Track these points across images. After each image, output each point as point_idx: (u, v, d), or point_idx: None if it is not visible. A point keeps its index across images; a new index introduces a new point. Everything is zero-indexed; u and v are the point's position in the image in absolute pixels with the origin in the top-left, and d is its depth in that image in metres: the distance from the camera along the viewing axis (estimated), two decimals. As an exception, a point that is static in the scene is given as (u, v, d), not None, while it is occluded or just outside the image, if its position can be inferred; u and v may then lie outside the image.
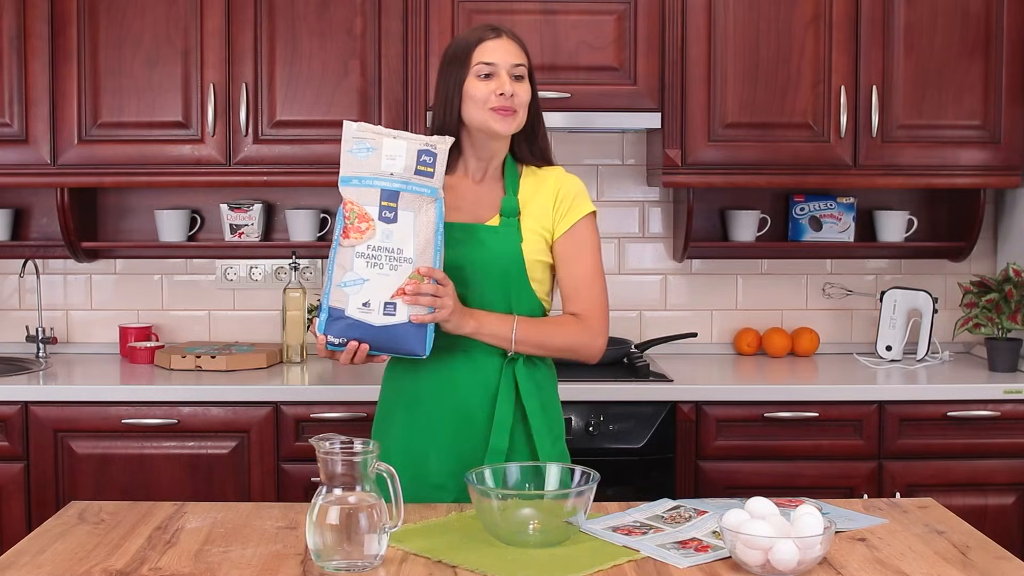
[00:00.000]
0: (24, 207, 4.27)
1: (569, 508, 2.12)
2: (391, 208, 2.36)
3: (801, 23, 3.93)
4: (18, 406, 3.63)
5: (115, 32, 3.89)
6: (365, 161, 2.37)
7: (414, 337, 2.38)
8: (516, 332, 2.50)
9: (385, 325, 2.37)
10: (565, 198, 2.60)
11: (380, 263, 2.35)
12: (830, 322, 4.39)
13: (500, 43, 2.57)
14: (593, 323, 2.60)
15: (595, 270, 2.61)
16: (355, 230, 2.36)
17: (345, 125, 2.40)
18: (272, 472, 3.65)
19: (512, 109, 2.54)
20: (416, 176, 2.37)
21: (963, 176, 4.00)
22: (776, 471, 3.68)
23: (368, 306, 2.36)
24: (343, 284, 2.36)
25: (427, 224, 2.37)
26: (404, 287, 2.36)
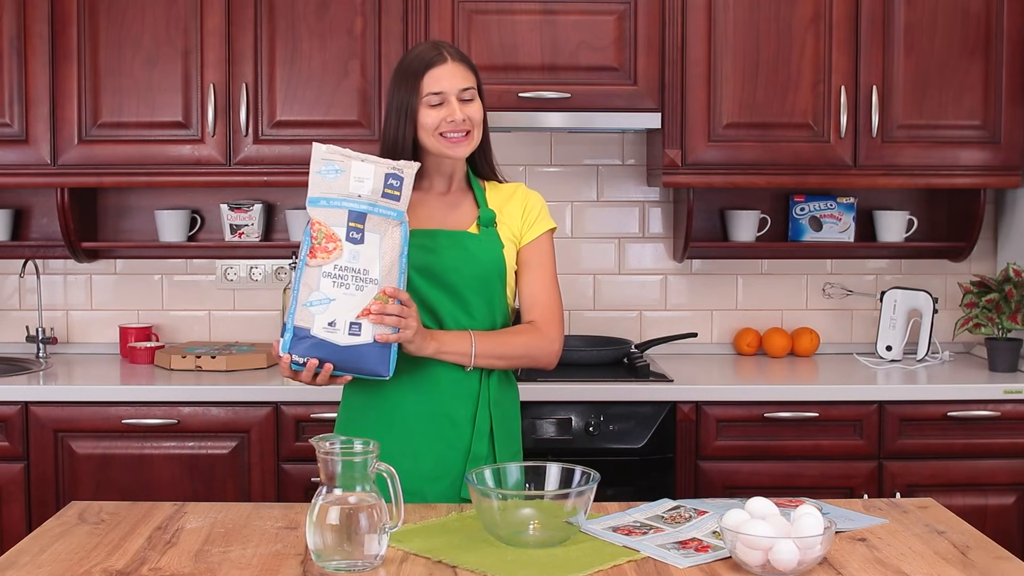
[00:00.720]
0: (24, 207, 4.27)
1: (569, 508, 2.12)
2: (358, 229, 2.37)
3: (801, 23, 3.93)
4: (18, 406, 3.63)
5: (115, 32, 3.89)
6: (334, 182, 2.38)
7: (378, 357, 2.39)
8: (475, 347, 2.54)
9: (350, 345, 2.37)
10: (532, 210, 2.68)
11: (347, 283, 2.36)
12: (830, 322, 4.39)
13: (447, 68, 2.58)
14: (549, 330, 2.64)
15: (553, 281, 2.69)
16: (322, 250, 2.36)
17: (314, 147, 2.41)
18: (272, 472, 3.65)
19: (464, 131, 2.59)
20: (383, 199, 2.39)
21: (963, 176, 4.00)
22: (776, 471, 3.68)
23: (334, 326, 2.36)
24: (309, 303, 2.36)
25: (392, 247, 2.39)
26: (370, 307, 2.37)
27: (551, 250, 2.70)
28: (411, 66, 2.59)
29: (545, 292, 2.66)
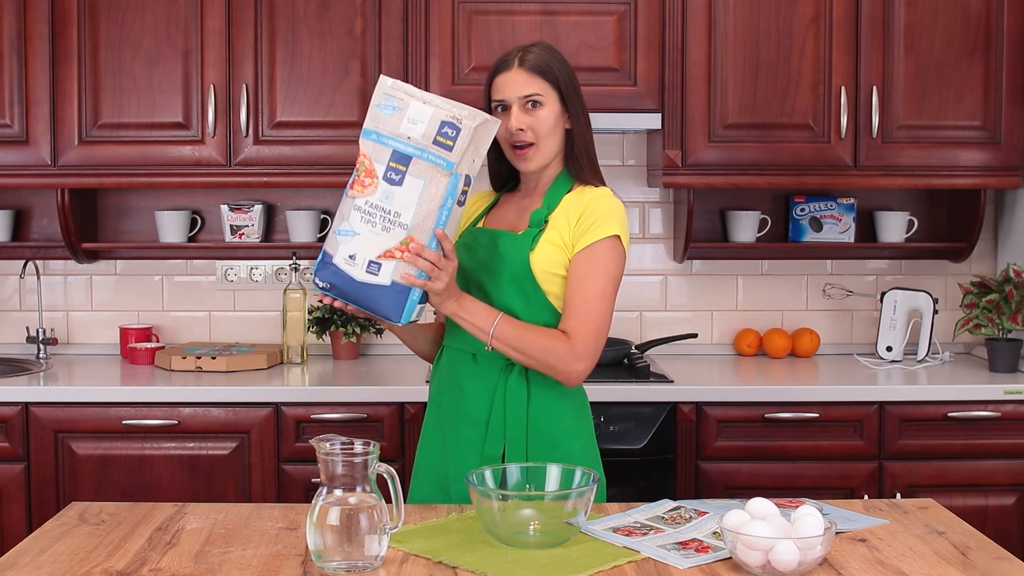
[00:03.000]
0: (24, 208, 4.27)
1: (569, 509, 2.11)
2: (399, 171, 2.33)
3: (801, 24, 3.93)
4: (19, 407, 3.64)
5: (115, 33, 3.89)
6: (388, 119, 2.34)
7: (392, 301, 2.35)
8: (496, 327, 2.45)
9: (365, 282, 2.35)
10: (589, 216, 2.51)
11: (373, 221, 2.33)
12: (830, 323, 4.39)
13: (510, 76, 2.56)
14: (578, 346, 2.47)
15: (600, 294, 2.49)
16: (359, 183, 2.34)
17: (381, 78, 2.38)
18: (272, 473, 3.65)
19: (527, 143, 2.54)
20: (434, 146, 2.32)
21: (963, 177, 4.00)
22: (776, 472, 3.68)
23: (354, 259, 2.34)
24: (338, 232, 2.36)
25: (435, 195, 2.32)
26: (404, 247, 2.32)
27: (606, 260, 2.50)
28: (490, 70, 2.62)
29: (584, 304, 2.48)
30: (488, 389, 2.54)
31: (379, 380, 3.83)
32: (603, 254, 2.50)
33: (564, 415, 2.57)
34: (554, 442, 2.53)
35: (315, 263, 2.39)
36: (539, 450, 2.52)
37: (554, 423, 2.55)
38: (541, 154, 2.56)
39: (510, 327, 2.45)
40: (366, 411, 3.65)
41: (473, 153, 2.37)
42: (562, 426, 2.55)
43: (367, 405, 3.65)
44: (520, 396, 2.53)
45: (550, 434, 2.54)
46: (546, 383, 2.54)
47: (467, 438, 2.55)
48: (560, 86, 2.57)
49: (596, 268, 2.50)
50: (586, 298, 2.49)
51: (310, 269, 4.30)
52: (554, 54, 2.61)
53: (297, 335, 4.11)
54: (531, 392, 2.54)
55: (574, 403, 2.60)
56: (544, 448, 2.52)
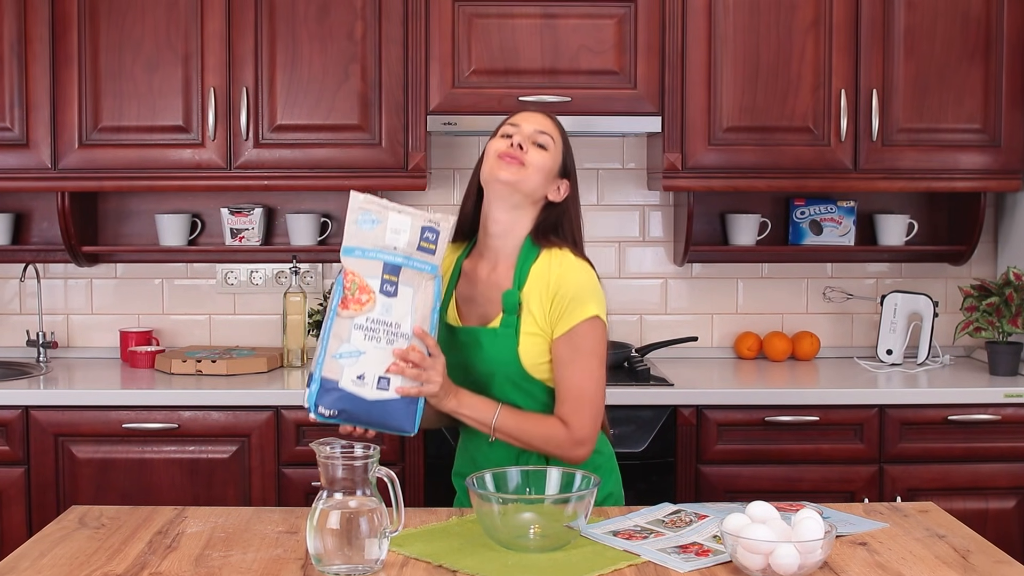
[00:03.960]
0: (25, 211, 4.27)
1: (570, 512, 2.12)
2: (392, 282, 2.32)
3: (801, 27, 3.93)
4: (19, 410, 3.63)
5: (116, 36, 3.90)
6: (369, 233, 2.32)
7: (404, 413, 2.33)
8: (496, 419, 2.43)
9: (378, 400, 2.31)
10: (563, 298, 2.46)
11: (378, 336, 2.30)
12: (831, 326, 4.39)
13: (532, 115, 2.58)
14: (576, 432, 2.44)
15: (588, 376, 2.47)
16: (355, 301, 2.30)
17: (352, 196, 2.35)
18: (273, 476, 3.65)
19: (516, 159, 2.48)
20: (418, 252, 2.33)
21: (963, 180, 4.00)
22: (777, 475, 3.68)
23: (363, 379, 2.30)
24: (339, 355, 2.29)
25: (425, 301, 2.33)
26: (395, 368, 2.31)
27: (589, 342, 2.47)
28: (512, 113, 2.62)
29: (575, 390, 2.46)
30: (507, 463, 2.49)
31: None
32: (584, 336, 2.47)
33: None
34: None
35: (308, 393, 2.31)
36: None
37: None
38: (523, 176, 2.48)
39: (511, 419, 2.44)
40: (366, 414, 3.64)
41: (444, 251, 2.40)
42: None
43: (367, 408, 3.65)
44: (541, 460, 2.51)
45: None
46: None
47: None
48: (565, 154, 2.56)
49: (579, 352, 2.47)
50: (575, 384, 2.47)
51: (310, 272, 4.30)
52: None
53: (297, 338, 4.11)
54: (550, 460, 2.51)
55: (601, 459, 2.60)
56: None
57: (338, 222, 4.26)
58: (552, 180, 2.53)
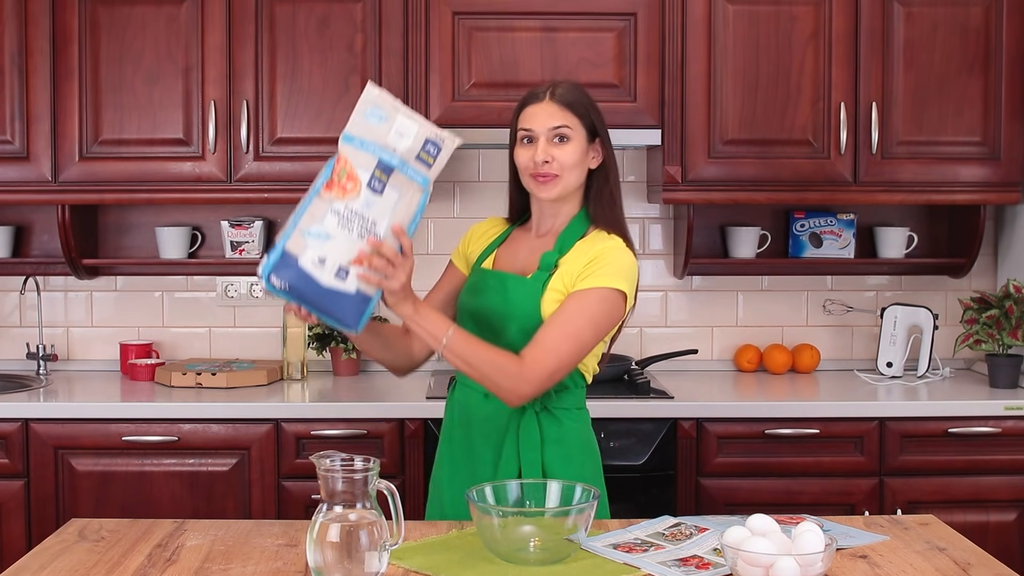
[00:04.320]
0: (25, 224, 4.27)
1: (570, 525, 2.11)
2: (381, 181, 2.29)
3: (800, 39, 3.94)
4: (18, 423, 3.63)
5: (116, 49, 3.90)
6: (374, 128, 2.31)
7: (353, 309, 2.30)
8: (450, 336, 2.38)
9: (330, 288, 2.27)
10: (597, 264, 2.49)
11: (351, 227, 2.27)
12: (831, 338, 4.39)
13: (540, 107, 2.57)
14: (529, 370, 2.40)
15: (574, 334, 2.44)
16: (339, 187, 2.28)
17: (369, 85, 2.35)
18: (272, 489, 3.65)
19: (550, 175, 2.52)
20: (415, 161, 2.31)
21: (963, 192, 4.01)
22: (777, 488, 3.68)
23: (323, 263, 2.26)
24: (307, 232, 2.27)
25: (406, 211, 2.31)
26: (363, 254, 2.27)
27: (597, 307, 2.46)
28: (518, 102, 2.63)
29: (554, 337, 2.43)
30: (498, 430, 2.54)
31: (379, 396, 3.82)
32: (596, 301, 2.47)
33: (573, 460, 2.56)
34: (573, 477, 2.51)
35: (265, 261, 2.27)
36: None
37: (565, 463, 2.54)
38: (562, 185, 2.54)
39: (464, 339, 2.41)
40: (366, 427, 3.65)
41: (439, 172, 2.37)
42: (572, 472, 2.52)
43: (367, 421, 3.65)
44: (534, 439, 2.52)
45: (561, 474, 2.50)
46: (558, 427, 2.54)
47: (478, 475, 2.53)
48: (587, 123, 2.58)
49: (582, 311, 2.46)
50: (559, 334, 2.44)
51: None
52: (583, 91, 2.63)
53: (297, 351, 4.11)
54: (544, 436, 2.53)
55: (582, 445, 2.59)
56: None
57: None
58: (586, 157, 2.58)
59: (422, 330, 2.39)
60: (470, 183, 4.32)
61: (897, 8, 3.95)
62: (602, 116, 2.63)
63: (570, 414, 2.57)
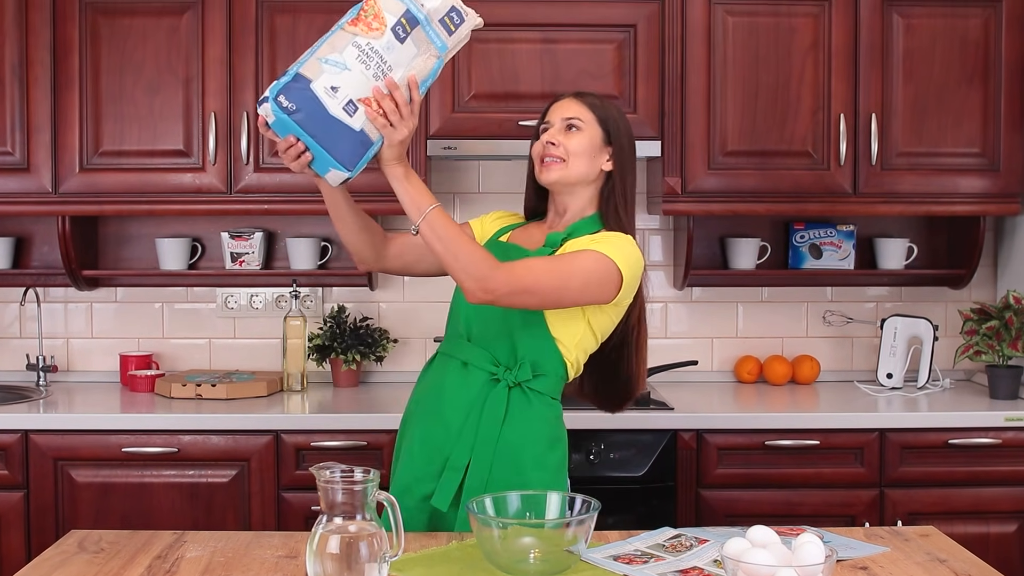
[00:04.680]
0: (25, 235, 4.27)
1: (570, 537, 2.11)
2: (405, 30, 2.30)
3: (800, 51, 3.95)
4: (18, 434, 3.63)
5: (116, 60, 3.91)
6: None
7: (353, 148, 2.30)
8: (432, 211, 2.36)
9: (336, 119, 2.27)
10: (600, 239, 2.53)
11: (369, 63, 2.27)
12: (831, 350, 4.39)
13: (561, 103, 2.66)
14: (503, 273, 2.38)
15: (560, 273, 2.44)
16: (366, 24, 2.28)
17: None
18: (272, 501, 3.65)
19: (555, 157, 2.57)
20: (439, 24, 2.33)
21: (963, 204, 4.01)
22: (777, 499, 3.67)
23: (336, 92, 2.25)
24: (325, 60, 2.26)
25: (421, 69, 2.33)
26: (376, 91, 2.28)
27: (588, 265, 2.45)
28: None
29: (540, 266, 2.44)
30: (467, 400, 2.55)
31: (379, 407, 3.82)
32: (592, 260, 2.47)
33: (536, 443, 2.56)
34: (519, 468, 2.52)
35: (275, 83, 2.25)
36: (502, 472, 2.51)
37: (523, 449, 2.54)
38: (565, 171, 2.58)
39: (446, 218, 2.38)
40: (366, 439, 3.64)
41: (456, 48, 2.39)
42: (531, 453, 2.54)
43: (367, 433, 3.65)
44: (497, 414, 2.53)
45: (517, 459, 2.53)
46: (526, 407, 2.55)
47: (437, 441, 2.55)
48: (603, 123, 2.62)
49: (576, 261, 2.46)
50: (547, 265, 2.45)
51: (310, 297, 4.31)
52: (610, 102, 2.69)
53: (297, 362, 4.11)
54: (508, 412, 2.54)
55: (548, 434, 2.59)
56: (508, 472, 2.52)
57: (338, 246, 4.27)
58: (598, 154, 2.61)
59: (407, 195, 2.38)
60: (470, 194, 4.33)
61: (896, 20, 3.96)
62: (625, 127, 2.66)
63: (542, 399, 2.57)
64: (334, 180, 2.37)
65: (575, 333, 2.56)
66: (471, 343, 2.59)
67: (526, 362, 2.54)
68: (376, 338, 4.17)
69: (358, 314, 4.28)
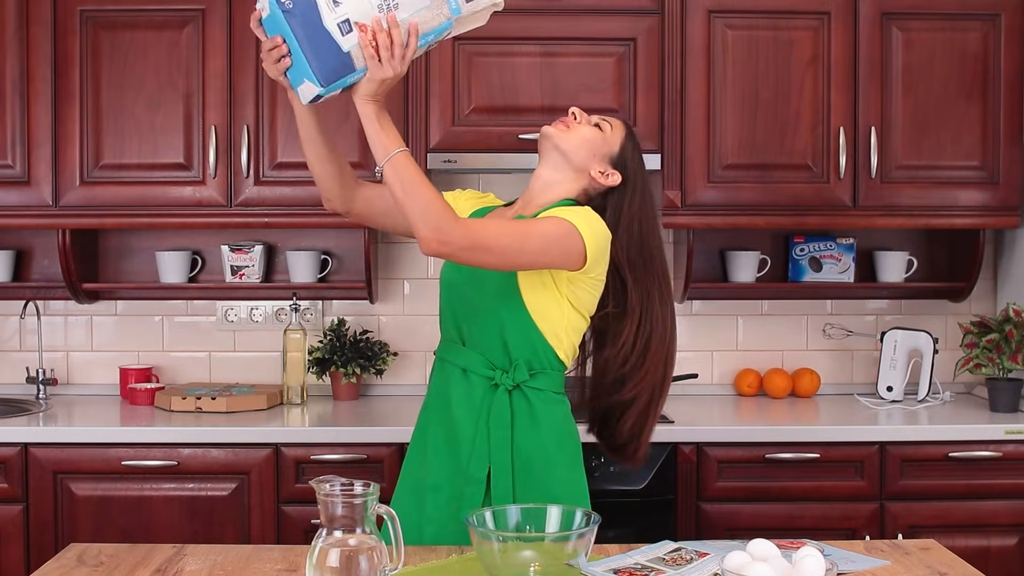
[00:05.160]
0: (25, 248, 4.28)
1: (570, 550, 2.10)
2: None
3: (799, 64, 3.95)
4: (18, 448, 3.63)
5: (117, 74, 3.91)
6: None
7: (332, 66, 2.26)
8: (399, 153, 2.32)
9: (327, 31, 2.23)
10: (563, 207, 2.51)
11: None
12: (831, 363, 4.39)
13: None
14: (460, 226, 2.33)
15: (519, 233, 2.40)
16: None
17: None
18: (272, 514, 3.64)
19: (567, 123, 2.59)
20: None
21: (962, 216, 4.01)
22: (777, 512, 3.67)
23: (336, 6, 2.22)
24: None
25: (428, 21, 2.29)
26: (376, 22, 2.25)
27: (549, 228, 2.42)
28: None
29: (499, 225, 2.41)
30: (473, 409, 2.54)
31: (379, 421, 3.82)
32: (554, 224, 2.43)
33: (547, 446, 2.56)
34: (537, 473, 2.53)
35: None
36: (523, 479, 2.52)
37: (536, 454, 2.54)
38: (564, 136, 2.58)
39: (411, 164, 2.34)
40: (366, 452, 3.64)
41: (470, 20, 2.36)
42: (544, 457, 2.55)
43: (367, 446, 3.64)
44: (504, 420, 2.53)
45: (532, 464, 2.53)
46: (530, 410, 2.54)
47: (455, 446, 2.55)
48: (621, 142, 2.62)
49: (537, 224, 2.44)
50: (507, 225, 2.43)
51: (310, 310, 4.31)
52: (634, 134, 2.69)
53: (297, 376, 4.10)
54: (515, 417, 2.53)
55: (557, 434, 2.58)
56: (528, 478, 2.52)
57: (338, 260, 4.27)
58: (598, 157, 2.59)
59: (377, 136, 2.35)
60: (470, 207, 4.32)
61: (896, 33, 3.96)
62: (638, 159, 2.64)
63: (544, 396, 2.56)
64: (305, 94, 2.33)
65: (559, 318, 2.52)
66: (466, 347, 2.58)
67: (521, 362, 2.53)
68: (376, 351, 4.17)
69: (358, 327, 4.28)
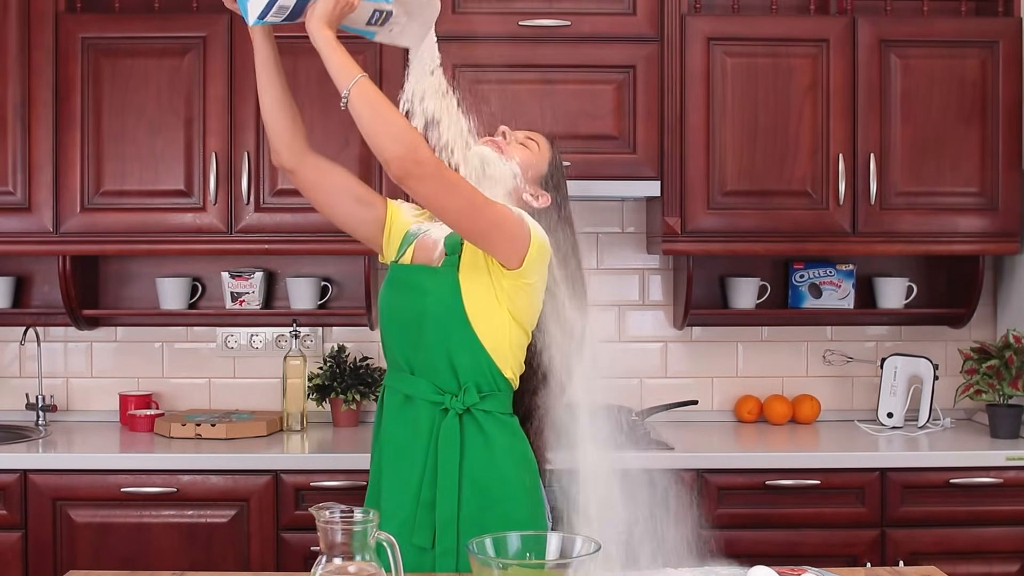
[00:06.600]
0: (26, 275, 4.28)
1: (570, 578, 2.10)
2: None
3: (799, 91, 3.96)
4: (17, 474, 3.62)
5: (118, 100, 3.92)
6: None
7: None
8: (363, 78, 2.34)
9: None
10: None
11: None
12: (831, 389, 4.38)
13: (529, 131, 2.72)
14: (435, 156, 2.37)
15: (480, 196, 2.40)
16: None
17: None
18: (272, 541, 3.63)
19: (498, 144, 2.64)
20: None
21: (962, 243, 4.02)
22: (778, 539, 3.66)
23: None
24: None
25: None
26: None
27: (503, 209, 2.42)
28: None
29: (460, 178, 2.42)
30: (422, 433, 2.52)
31: (379, 447, 3.81)
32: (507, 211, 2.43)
33: (505, 465, 2.52)
34: (487, 497, 2.50)
35: None
36: (471, 504, 2.49)
37: (488, 472, 2.51)
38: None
39: (376, 88, 2.35)
40: (366, 479, 3.61)
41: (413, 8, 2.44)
42: (496, 480, 2.51)
43: (367, 473, 3.62)
44: (452, 444, 2.50)
45: (484, 483, 2.50)
46: (481, 433, 2.51)
47: (403, 479, 2.54)
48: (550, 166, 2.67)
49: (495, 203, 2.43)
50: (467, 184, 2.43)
51: (310, 336, 4.31)
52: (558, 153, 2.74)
53: (297, 402, 4.10)
54: (464, 441, 2.50)
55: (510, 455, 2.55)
56: (477, 496, 2.49)
57: (338, 286, 4.27)
58: (528, 180, 2.63)
59: (340, 60, 2.37)
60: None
61: (894, 60, 3.98)
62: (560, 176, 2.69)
63: (493, 418, 2.53)
64: (252, 10, 2.33)
65: (502, 332, 2.50)
66: (414, 376, 2.54)
67: (470, 385, 2.50)
68: (376, 378, 4.16)
69: (358, 354, 4.28)
